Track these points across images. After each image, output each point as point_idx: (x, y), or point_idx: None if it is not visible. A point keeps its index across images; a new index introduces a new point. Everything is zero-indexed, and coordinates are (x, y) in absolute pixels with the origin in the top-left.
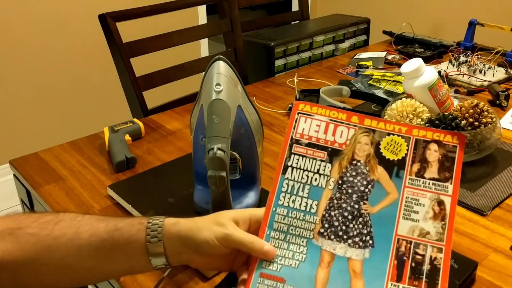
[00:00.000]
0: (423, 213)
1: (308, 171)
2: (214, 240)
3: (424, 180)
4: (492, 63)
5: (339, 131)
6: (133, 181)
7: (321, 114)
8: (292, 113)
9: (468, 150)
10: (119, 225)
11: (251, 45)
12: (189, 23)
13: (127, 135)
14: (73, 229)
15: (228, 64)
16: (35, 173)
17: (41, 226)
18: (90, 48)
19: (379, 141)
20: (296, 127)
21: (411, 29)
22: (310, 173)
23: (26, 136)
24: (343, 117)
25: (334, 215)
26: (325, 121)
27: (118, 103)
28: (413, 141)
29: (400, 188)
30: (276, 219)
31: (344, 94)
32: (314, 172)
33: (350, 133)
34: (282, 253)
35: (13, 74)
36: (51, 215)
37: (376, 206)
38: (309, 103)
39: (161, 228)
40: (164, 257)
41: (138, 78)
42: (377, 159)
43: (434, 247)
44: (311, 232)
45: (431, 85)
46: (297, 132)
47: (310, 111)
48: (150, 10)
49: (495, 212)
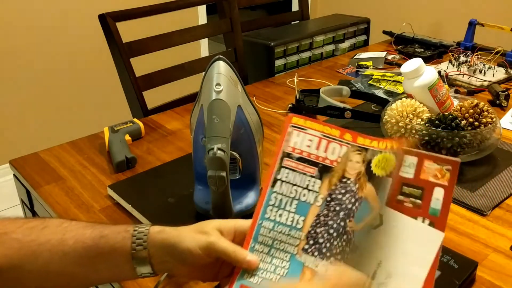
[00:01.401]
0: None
1: (297, 186)
2: (197, 249)
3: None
4: (492, 63)
5: (331, 148)
6: (133, 181)
7: (315, 129)
8: (284, 125)
9: (468, 150)
10: (105, 232)
11: (251, 45)
12: (189, 23)
13: (127, 135)
14: (58, 235)
15: (228, 64)
16: (35, 173)
17: (26, 231)
18: (90, 48)
19: (371, 159)
20: (289, 140)
21: (411, 29)
22: (299, 188)
23: (26, 136)
24: (336, 134)
25: (320, 232)
26: (318, 136)
27: (118, 103)
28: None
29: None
30: (261, 232)
31: (344, 94)
32: (303, 188)
33: (342, 151)
34: (265, 266)
35: (13, 74)
36: (37, 221)
37: (360, 223)
38: (303, 117)
39: (146, 236)
40: (149, 265)
41: (138, 78)
42: (367, 176)
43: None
44: (295, 247)
45: (431, 85)
46: (289, 146)
47: (304, 125)
48: (150, 10)
49: (495, 212)
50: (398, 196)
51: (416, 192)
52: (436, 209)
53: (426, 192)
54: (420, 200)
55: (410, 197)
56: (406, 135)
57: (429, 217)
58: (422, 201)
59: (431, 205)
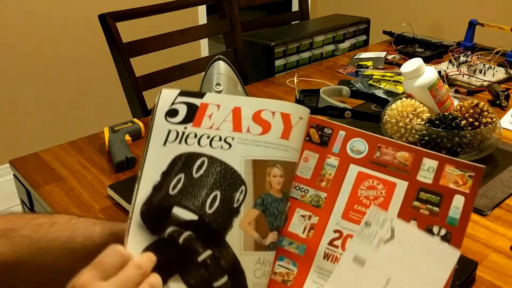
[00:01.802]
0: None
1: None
2: None
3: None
4: (492, 63)
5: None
6: (133, 181)
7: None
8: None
9: (468, 150)
10: (114, 229)
11: (251, 45)
12: (189, 23)
13: (127, 135)
14: (67, 232)
15: (228, 64)
16: (35, 173)
17: (35, 228)
18: (90, 48)
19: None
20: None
21: (411, 29)
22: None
23: (26, 136)
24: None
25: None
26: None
27: (118, 103)
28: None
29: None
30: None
31: (344, 94)
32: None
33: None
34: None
35: (13, 74)
36: (45, 217)
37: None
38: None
39: None
40: None
41: (138, 78)
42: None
43: None
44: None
45: (431, 85)
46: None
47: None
48: (150, 10)
49: (495, 212)
50: (414, 202)
51: (434, 199)
52: (454, 218)
53: (445, 199)
54: (437, 207)
55: (427, 203)
56: (406, 135)
57: (446, 226)
58: (439, 208)
59: (449, 213)
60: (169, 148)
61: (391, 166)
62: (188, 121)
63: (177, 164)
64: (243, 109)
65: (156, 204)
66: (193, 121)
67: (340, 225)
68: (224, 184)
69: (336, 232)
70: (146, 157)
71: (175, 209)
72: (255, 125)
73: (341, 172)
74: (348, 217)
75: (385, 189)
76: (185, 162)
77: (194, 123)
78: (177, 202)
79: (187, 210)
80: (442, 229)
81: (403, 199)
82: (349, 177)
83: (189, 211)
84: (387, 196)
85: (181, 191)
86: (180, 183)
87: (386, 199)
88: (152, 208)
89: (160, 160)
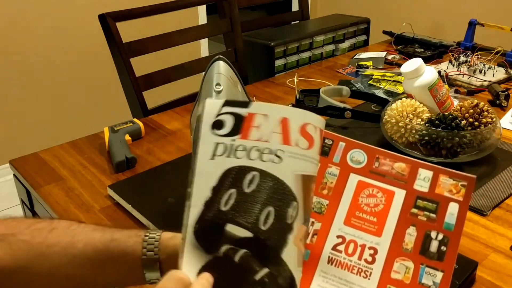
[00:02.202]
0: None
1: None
2: None
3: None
4: (492, 63)
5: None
6: (133, 181)
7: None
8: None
9: (468, 150)
10: (115, 236)
11: (251, 45)
12: (189, 23)
13: (127, 135)
14: (68, 237)
15: (228, 64)
16: (35, 173)
17: (34, 233)
18: (90, 48)
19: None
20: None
21: (411, 29)
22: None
23: (26, 136)
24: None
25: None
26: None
27: (118, 103)
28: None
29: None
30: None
31: (344, 94)
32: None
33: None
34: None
35: (13, 74)
36: (45, 222)
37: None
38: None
39: (157, 242)
40: (158, 271)
41: (138, 78)
42: None
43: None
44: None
45: (431, 85)
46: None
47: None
48: (150, 10)
49: (495, 212)
50: (412, 209)
51: (431, 206)
52: (450, 224)
53: (441, 206)
54: (434, 214)
55: (424, 210)
56: (406, 135)
57: (444, 231)
58: (436, 215)
59: (445, 219)
60: (218, 161)
61: (389, 175)
62: (236, 133)
63: (228, 179)
64: (290, 120)
65: (209, 221)
66: (241, 133)
67: (343, 230)
68: (277, 200)
69: (339, 238)
70: (195, 172)
71: (228, 226)
72: (302, 139)
73: (342, 181)
74: (350, 223)
75: (384, 197)
76: (236, 177)
77: (242, 135)
78: (230, 219)
79: (241, 227)
80: (439, 234)
81: (402, 206)
82: (350, 185)
83: (243, 228)
84: (387, 203)
85: (234, 207)
86: (231, 198)
87: (386, 206)
88: (205, 226)
89: (209, 175)
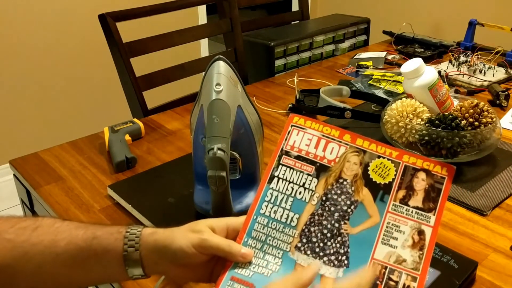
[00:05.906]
0: (402, 240)
1: (293, 183)
2: (190, 247)
3: (407, 208)
4: (492, 63)
5: (329, 147)
6: (133, 181)
7: (314, 128)
8: (286, 125)
9: (468, 150)
10: (97, 233)
11: (251, 45)
12: (189, 23)
13: (127, 135)
14: (51, 236)
15: (228, 64)
16: (35, 173)
17: (18, 232)
18: (90, 48)
19: (369, 162)
20: (288, 139)
21: (411, 29)
22: (295, 186)
23: (26, 136)
24: (335, 134)
25: (314, 231)
26: (317, 136)
27: (118, 103)
28: (402, 167)
29: (382, 212)
30: (255, 227)
31: (344, 94)
32: (300, 185)
33: (340, 151)
34: (257, 261)
35: (13, 74)
36: (29, 220)
37: (356, 227)
38: (303, 117)
39: (138, 238)
40: (140, 267)
41: (138, 78)
42: (363, 181)
43: (409, 275)
44: (288, 245)
45: (431, 85)
46: (288, 144)
47: (304, 125)
48: (150, 10)
49: (495, 212)
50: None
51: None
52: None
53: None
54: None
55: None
56: (406, 135)
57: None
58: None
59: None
60: None
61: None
62: None
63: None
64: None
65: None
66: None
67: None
68: None
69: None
70: None
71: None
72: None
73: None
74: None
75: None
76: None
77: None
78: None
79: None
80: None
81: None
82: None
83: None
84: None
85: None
86: None
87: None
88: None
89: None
